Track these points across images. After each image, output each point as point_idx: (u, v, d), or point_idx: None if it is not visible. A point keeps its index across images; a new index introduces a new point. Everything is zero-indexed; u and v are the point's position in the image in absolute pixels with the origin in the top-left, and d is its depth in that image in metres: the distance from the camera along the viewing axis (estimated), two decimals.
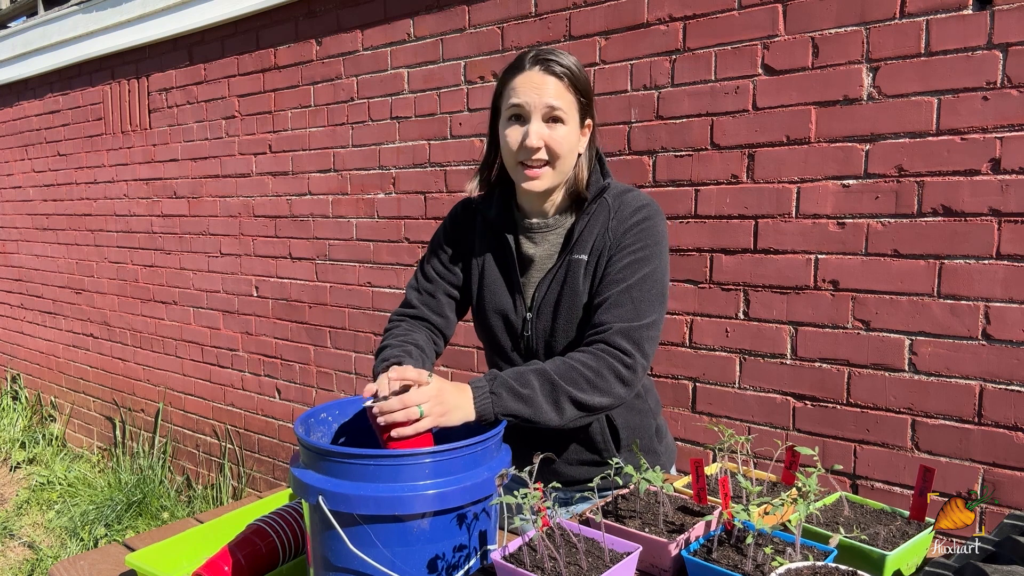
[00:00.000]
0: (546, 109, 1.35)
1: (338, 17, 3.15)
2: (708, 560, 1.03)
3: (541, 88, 1.35)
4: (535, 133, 1.35)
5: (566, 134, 1.37)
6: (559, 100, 1.35)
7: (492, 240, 1.51)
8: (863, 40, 1.93)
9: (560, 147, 1.37)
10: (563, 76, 1.36)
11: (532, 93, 1.35)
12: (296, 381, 3.52)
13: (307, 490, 1.05)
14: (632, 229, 1.39)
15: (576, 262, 1.41)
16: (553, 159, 1.37)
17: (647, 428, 1.54)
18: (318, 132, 3.29)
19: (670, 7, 2.24)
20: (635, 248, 1.38)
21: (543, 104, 1.34)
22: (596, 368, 1.29)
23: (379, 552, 1.03)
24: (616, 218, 1.40)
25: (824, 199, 2.01)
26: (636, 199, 1.42)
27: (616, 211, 1.41)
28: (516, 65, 1.39)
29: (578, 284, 1.40)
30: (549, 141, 1.36)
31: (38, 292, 5.14)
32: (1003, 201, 1.77)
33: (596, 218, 1.42)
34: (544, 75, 1.35)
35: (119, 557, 1.34)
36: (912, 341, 1.90)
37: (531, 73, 1.36)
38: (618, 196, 1.43)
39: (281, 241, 3.50)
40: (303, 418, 1.22)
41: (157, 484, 4.07)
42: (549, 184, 1.40)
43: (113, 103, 4.32)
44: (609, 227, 1.40)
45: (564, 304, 1.41)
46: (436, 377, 1.22)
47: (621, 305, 1.34)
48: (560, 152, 1.37)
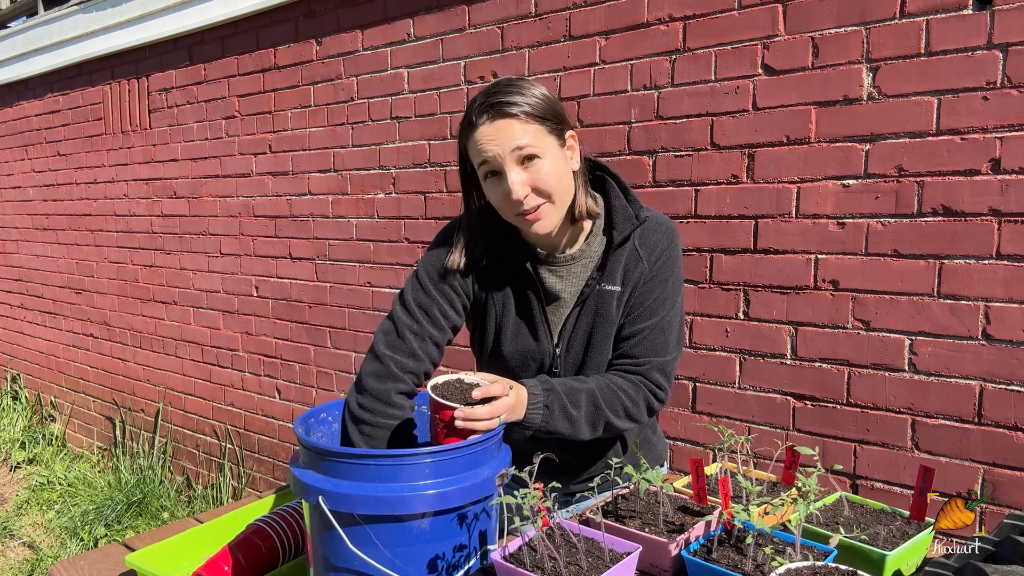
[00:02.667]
0: (514, 153, 1.25)
1: (338, 17, 3.15)
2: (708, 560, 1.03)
3: (499, 135, 1.25)
4: (516, 183, 1.25)
5: (550, 167, 1.28)
6: (524, 138, 1.25)
7: (512, 275, 1.41)
8: (863, 40, 1.93)
9: (548, 183, 1.28)
10: (517, 114, 1.25)
11: (493, 145, 1.25)
12: (296, 381, 3.52)
13: (307, 490, 1.05)
14: (661, 258, 1.38)
15: (608, 293, 1.37)
16: (547, 196, 1.29)
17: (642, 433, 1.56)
18: (318, 132, 3.29)
19: (670, 7, 2.24)
20: (664, 278, 1.38)
21: (507, 151, 1.25)
22: (635, 399, 1.35)
23: (379, 552, 1.03)
24: (644, 246, 1.38)
25: (824, 199, 2.01)
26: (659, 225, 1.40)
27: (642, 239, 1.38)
28: (467, 122, 1.29)
29: (611, 315, 1.38)
30: (534, 183, 1.27)
31: (38, 292, 5.14)
32: (1003, 201, 1.77)
33: (625, 247, 1.38)
34: (496, 121, 1.25)
35: (119, 557, 1.34)
36: (912, 341, 1.90)
37: (484, 128, 1.26)
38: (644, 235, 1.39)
39: (281, 241, 3.50)
40: (303, 418, 1.22)
41: (157, 484, 4.07)
42: (556, 220, 1.32)
43: (113, 103, 4.32)
44: (641, 256, 1.38)
45: (597, 336, 1.39)
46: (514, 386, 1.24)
47: (655, 341, 1.37)
48: (550, 187, 1.28)
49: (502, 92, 1.27)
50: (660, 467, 1.65)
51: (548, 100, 1.30)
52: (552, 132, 1.29)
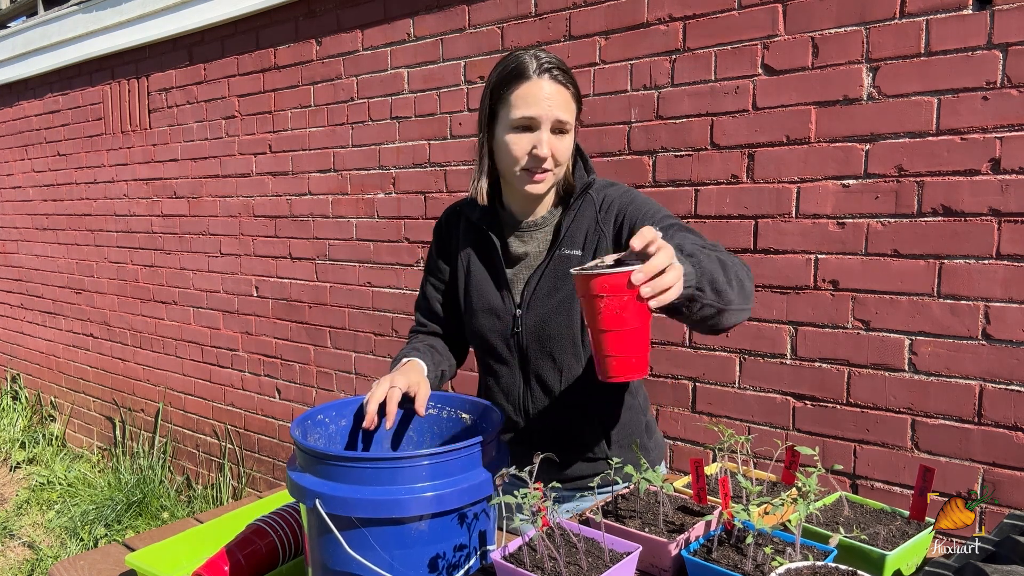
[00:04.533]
0: (556, 122, 1.35)
1: (338, 17, 3.14)
2: (708, 560, 1.03)
3: (552, 100, 1.34)
4: (546, 142, 1.35)
5: (570, 142, 1.40)
6: (567, 112, 1.36)
7: (477, 240, 1.53)
8: (863, 40, 1.93)
9: (564, 155, 1.39)
10: (568, 85, 1.37)
11: (544, 105, 1.33)
12: (296, 381, 3.52)
13: (304, 493, 1.05)
14: (625, 196, 1.42)
15: (566, 257, 1.42)
16: (557, 166, 1.39)
17: (637, 425, 1.54)
18: (318, 132, 3.28)
19: (670, 7, 2.24)
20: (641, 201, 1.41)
21: (553, 117, 1.34)
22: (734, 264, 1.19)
23: (377, 555, 1.03)
24: (603, 210, 1.42)
25: (824, 199, 2.00)
26: (613, 184, 1.47)
27: (602, 204, 1.43)
28: (519, 71, 1.35)
29: (570, 278, 1.41)
30: (555, 151, 1.37)
31: (38, 292, 5.14)
32: (1003, 201, 1.77)
33: (583, 213, 1.44)
34: (554, 85, 1.35)
35: (119, 557, 1.34)
36: (912, 341, 1.90)
37: (539, 82, 1.34)
38: (601, 190, 1.45)
39: (281, 241, 3.50)
40: (299, 421, 1.21)
41: (157, 484, 4.07)
42: (550, 187, 1.43)
43: (113, 103, 4.32)
44: (598, 219, 1.42)
45: (556, 298, 1.43)
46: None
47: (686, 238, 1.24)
48: (563, 159, 1.40)
49: (561, 63, 1.37)
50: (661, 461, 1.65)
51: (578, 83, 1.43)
52: (577, 115, 1.41)
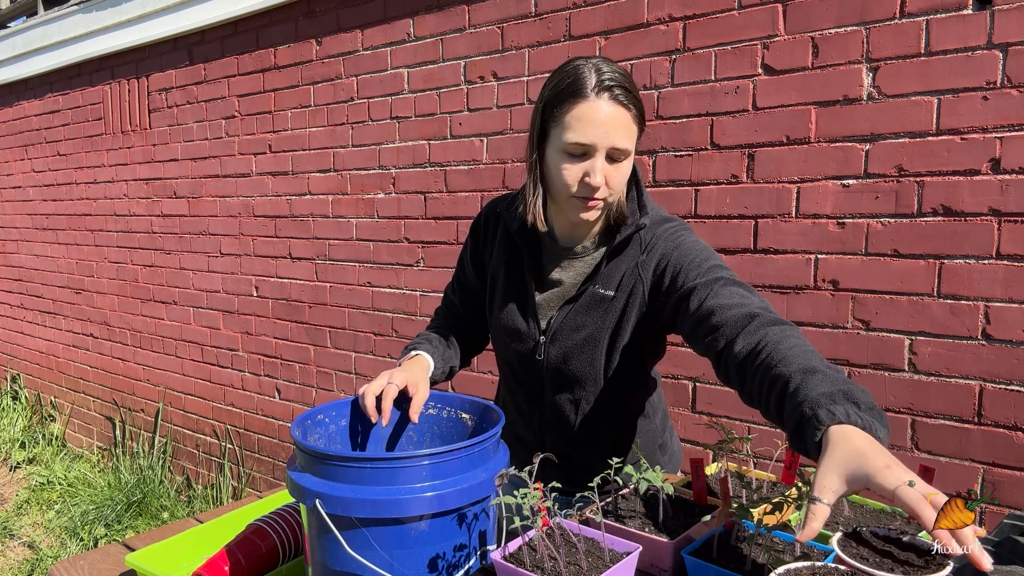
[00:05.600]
0: (612, 150, 1.22)
1: (338, 17, 3.14)
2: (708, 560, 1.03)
3: (611, 125, 1.20)
4: (599, 171, 1.22)
5: (626, 169, 1.27)
6: (627, 138, 1.22)
7: (512, 254, 1.43)
8: (863, 40, 1.93)
9: (620, 185, 1.27)
10: (631, 106, 1.22)
11: (600, 131, 1.20)
12: (296, 381, 3.52)
13: (304, 494, 1.05)
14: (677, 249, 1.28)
15: (599, 296, 1.33)
16: (612, 195, 1.28)
17: (651, 446, 1.51)
18: (318, 132, 3.28)
19: (670, 7, 2.23)
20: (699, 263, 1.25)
21: (610, 144, 1.21)
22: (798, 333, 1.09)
23: (377, 555, 1.03)
24: (648, 253, 1.30)
25: (824, 199, 2.00)
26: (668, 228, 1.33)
27: (647, 247, 1.31)
28: (575, 88, 1.21)
29: (602, 319, 1.33)
30: (610, 179, 1.24)
31: (38, 292, 5.14)
32: (1003, 201, 1.77)
33: (627, 253, 1.33)
34: (614, 107, 1.20)
35: (119, 557, 1.34)
36: (912, 341, 1.90)
37: (602, 104, 1.20)
38: (650, 230, 1.33)
39: (281, 241, 3.50)
40: (299, 421, 1.21)
41: (157, 484, 4.07)
42: (602, 213, 1.32)
43: (113, 103, 4.32)
44: (639, 263, 1.31)
45: (582, 335, 1.35)
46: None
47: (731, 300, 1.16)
48: (619, 189, 1.28)
49: (625, 79, 1.23)
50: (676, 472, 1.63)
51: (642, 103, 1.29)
52: (638, 138, 1.28)
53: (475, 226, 1.52)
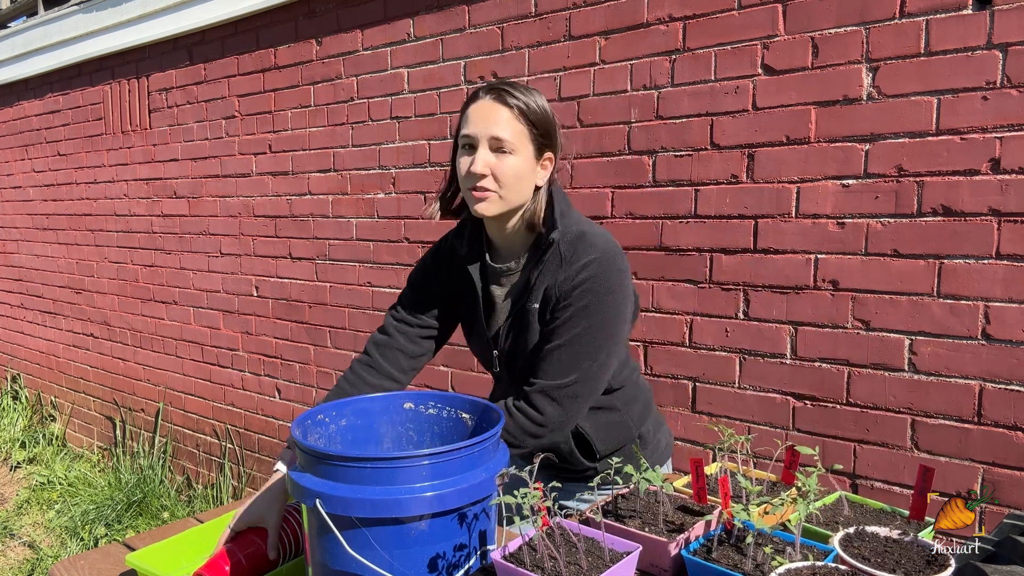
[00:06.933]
0: (492, 139, 1.36)
1: (338, 17, 3.15)
2: (708, 560, 1.03)
3: (489, 117, 1.36)
4: (480, 160, 1.36)
5: (514, 164, 1.37)
6: (507, 131, 1.36)
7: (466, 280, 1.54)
8: (863, 40, 1.93)
9: (506, 176, 1.37)
10: (513, 107, 1.37)
11: (480, 123, 1.37)
12: (296, 381, 3.52)
13: (304, 493, 1.05)
14: (577, 287, 1.37)
15: (530, 311, 1.43)
16: (500, 187, 1.38)
17: (626, 439, 1.55)
18: (318, 132, 3.29)
19: (670, 7, 2.24)
20: (575, 304, 1.37)
21: (489, 134, 1.36)
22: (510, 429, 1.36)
23: (377, 554, 1.03)
24: (564, 271, 1.38)
25: (824, 199, 2.01)
26: (586, 251, 1.38)
27: (566, 260, 1.39)
28: (473, 95, 1.41)
29: (532, 331, 1.43)
30: (495, 169, 1.36)
31: (38, 292, 5.14)
32: (1003, 201, 1.77)
33: (548, 266, 1.41)
34: (494, 104, 1.37)
35: (119, 557, 1.34)
36: (912, 341, 1.90)
37: (483, 102, 1.38)
38: (571, 244, 1.39)
39: (281, 241, 3.50)
40: (299, 420, 1.21)
41: (157, 484, 4.07)
42: (498, 209, 1.40)
43: (113, 103, 4.32)
44: (557, 279, 1.39)
45: (521, 348, 1.46)
46: None
47: (550, 364, 1.37)
48: (506, 181, 1.37)
49: (512, 86, 1.40)
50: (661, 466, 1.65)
51: (545, 114, 1.41)
52: (532, 141, 1.40)
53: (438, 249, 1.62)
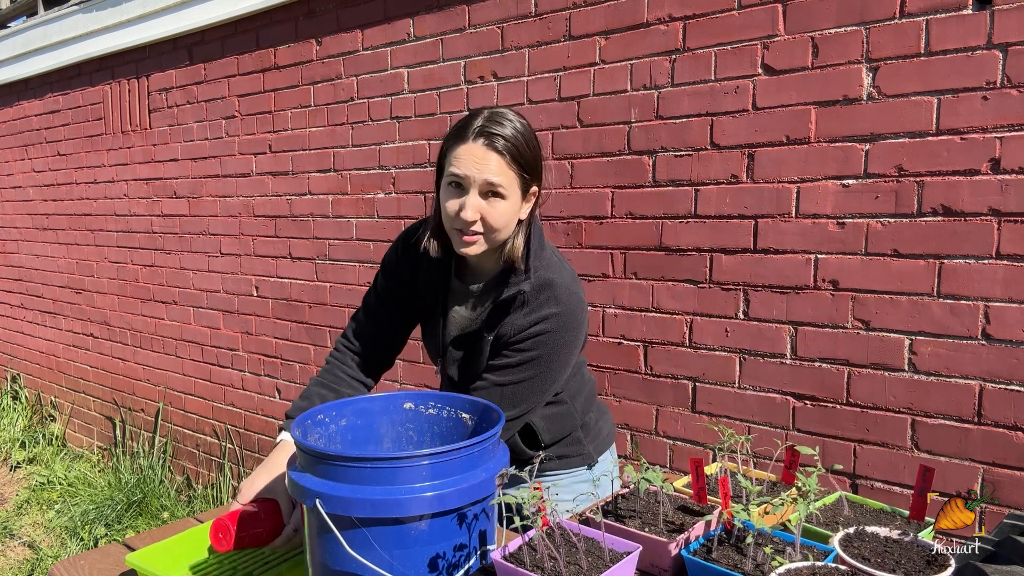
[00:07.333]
0: (484, 185, 1.35)
1: (338, 17, 3.15)
2: (708, 560, 1.03)
3: (482, 164, 1.34)
4: (472, 206, 1.35)
5: (504, 209, 1.37)
6: (499, 177, 1.35)
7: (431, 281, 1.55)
8: (863, 40, 1.93)
9: (496, 221, 1.37)
10: (505, 152, 1.35)
11: (472, 167, 1.34)
12: (296, 381, 3.52)
13: (304, 493, 1.05)
14: (532, 337, 1.40)
15: (484, 339, 1.45)
16: (488, 231, 1.38)
17: (570, 428, 1.60)
18: (318, 132, 3.29)
19: (670, 7, 2.24)
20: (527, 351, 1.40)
21: (482, 180, 1.34)
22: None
23: (377, 555, 1.03)
24: (524, 316, 1.40)
25: (824, 199, 2.00)
26: (548, 303, 1.40)
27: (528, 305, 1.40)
28: (460, 132, 1.37)
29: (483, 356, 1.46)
30: (486, 215, 1.36)
31: (38, 292, 5.14)
32: (1003, 201, 1.77)
33: (511, 305, 1.42)
34: (486, 150, 1.34)
35: (119, 557, 1.34)
36: (912, 341, 1.90)
37: (473, 146, 1.35)
38: (536, 291, 1.41)
39: (281, 241, 3.50)
40: (299, 420, 1.21)
41: (157, 484, 4.07)
42: (483, 250, 1.42)
43: (113, 103, 4.32)
44: (515, 322, 1.40)
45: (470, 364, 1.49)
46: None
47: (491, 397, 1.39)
48: (496, 226, 1.38)
49: (502, 126, 1.36)
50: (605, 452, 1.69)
51: (533, 151, 1.41)
52: (522, 183, 1.39)
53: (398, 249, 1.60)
